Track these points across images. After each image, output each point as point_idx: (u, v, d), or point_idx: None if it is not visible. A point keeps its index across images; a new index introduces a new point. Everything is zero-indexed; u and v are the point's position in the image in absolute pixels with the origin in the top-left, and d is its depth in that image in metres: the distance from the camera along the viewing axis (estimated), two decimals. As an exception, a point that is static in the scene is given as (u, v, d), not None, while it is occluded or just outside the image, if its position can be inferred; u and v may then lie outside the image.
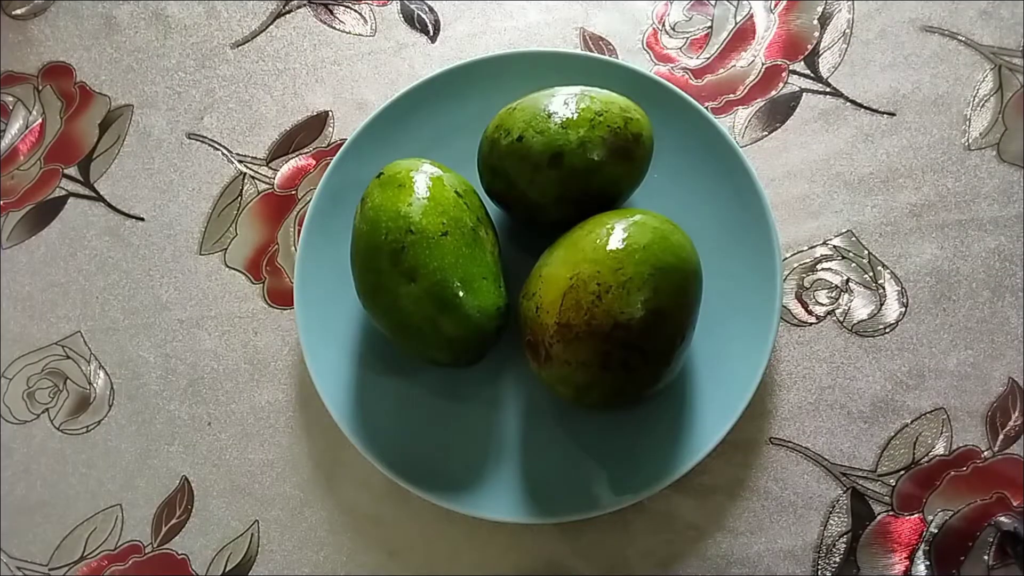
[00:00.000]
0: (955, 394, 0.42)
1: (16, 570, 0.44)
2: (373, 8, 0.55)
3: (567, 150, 0.39)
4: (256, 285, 0.48)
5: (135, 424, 0.46)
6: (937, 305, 0.43)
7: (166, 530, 0.44)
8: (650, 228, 0.37)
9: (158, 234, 0.50)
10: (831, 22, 0.50)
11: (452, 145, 0.46)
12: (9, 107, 0.55)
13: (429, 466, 0.41)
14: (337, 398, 0.42)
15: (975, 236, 0.44)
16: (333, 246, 0.44)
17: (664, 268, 0.35)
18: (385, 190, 0.39)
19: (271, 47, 0.54)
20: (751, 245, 0.42)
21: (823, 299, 0.44)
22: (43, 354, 0.49)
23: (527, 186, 0.40)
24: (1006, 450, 0.40)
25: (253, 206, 0.50)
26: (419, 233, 0.37)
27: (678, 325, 0.36)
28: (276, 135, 0.52)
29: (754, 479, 0.41)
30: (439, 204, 0.39)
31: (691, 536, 0.41)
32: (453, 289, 0.37)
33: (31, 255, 0.51)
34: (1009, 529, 0.38)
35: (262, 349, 0.47)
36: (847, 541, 0.40)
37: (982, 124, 0.47)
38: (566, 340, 0.35)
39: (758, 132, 0.48)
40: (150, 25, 0.56)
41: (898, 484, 0.40)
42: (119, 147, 0.53)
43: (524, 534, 0.41)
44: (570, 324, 0.35)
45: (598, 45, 0.52)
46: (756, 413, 0.42)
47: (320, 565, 0.42)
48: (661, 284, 0.35)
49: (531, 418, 0.42)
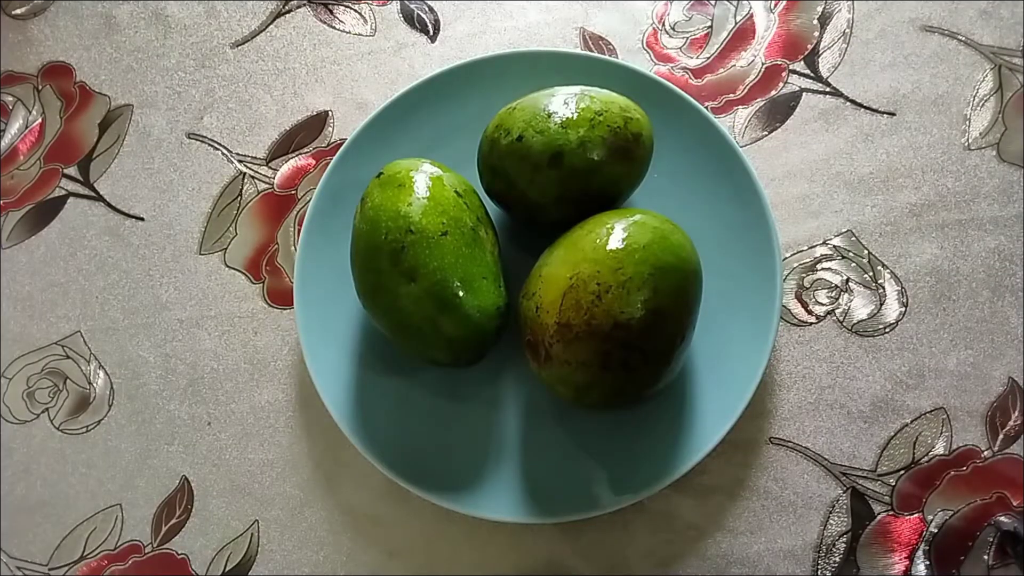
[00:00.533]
0: (955, 394, 0.42)
1: (16, 570, 0.44)
2: (373, 8, 0.55)
3: (567, 150, 0.39)
4: (256, 285, 0.48)
5: (135, 424, 0.46)
6: (937, 305, 0.43)
7: (166, 530, 0.44)
8: (650, 228, 0.37)
9: (158, 234, 0.50)
10: (831, 22, 0.50)
11: (452, 145, 0.46)
12: (9, 107, 0.55)
13: (429, 466, 0.41)
14: (337, 398, 0.42)
15: (975, 236, 0.44)
16: (333, 246, 0.44)
17: (664, 268, 0.35)
18: (385, 190, 0.39)
19: (271, 47, 0.54)
20: (751, 245, 0.42)
21: (823, 299, 0.44)
22: (43, 354, 0.49)
23: (527, 186, 0.40)
24: (1006, 450, 0.40)
25: (253, 206, 0.50)
26: (419, 233, 0.37)
27: (678, 325, 0.36)
28: (276, 135, 0.52)
29: (754, 479, 0.41)
30: (439, 204, 0.39)
31: (691, 536, 0.41)
32: (453, 289, 0.37)
33: (31, 255, 0.51)
34: (1009, 529, 0.38)
35: (262, 349, 0.47)
36: (847, 541, 0.40)
37: (982, 124, 0.47)
38: (566, 340, 0.35)
39: (758, 132, 0.48)
40: (150, 25, 0.56)
41: (898, 484, 0.40)
42: (119, 147, 0.53)
43: (524, 534, 0.41)
44: (570, 324, 0.35)
45: (598, 45, 0.52)
46: (756, 413, 0.42)
47: (320, 565, 0.42)
48: (661, 284, 0.35)
49: (531, 418, 0.42)
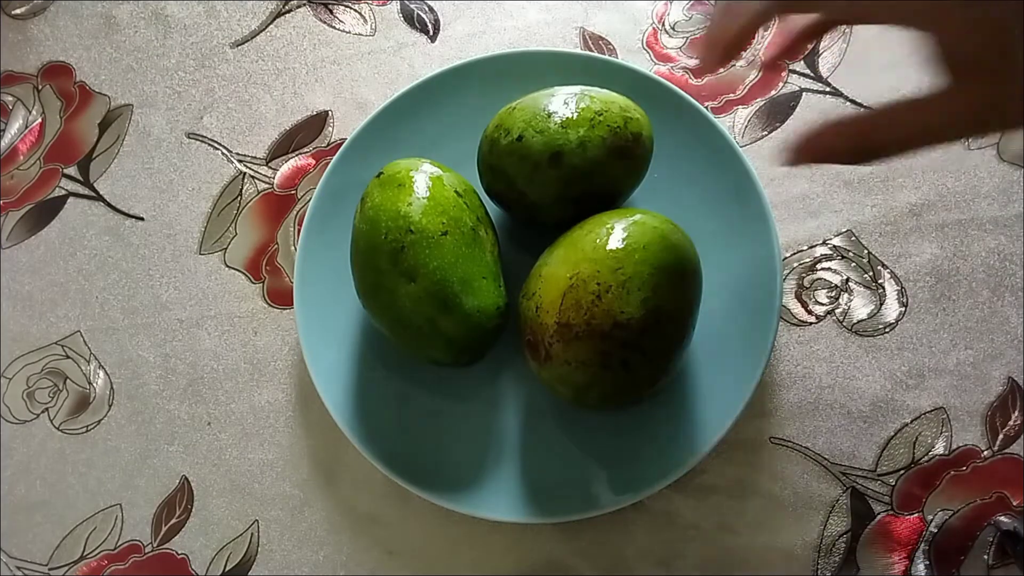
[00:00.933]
0: (955, 394, 0.42)
1: (16, 570, 0.44)
2: (373, 8, 0.55)
3: (567, 150, 0.39)
4: (256, 285, 0.48)
5: (135, 424, 0.46)
6: (937, 305, 0.43)
7: (166, 530, 0.44)
8: (650, 228, 0.37)
9: (158, 234, 0.50)
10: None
11: (452, 145, 0.46)
12: (9, 107, 0.55)
13: (429, 466, 0.41)
14: (337, 398, 0.42)
15: (975, 236, 0.44)
16: (333, 246, 0.44)
17: (664, 267, 0.35)
18: (385, 190, 0.39)
19: (271, 47, 0.54)
20: (751, 244, 0.42)
21: (823, 299, 0.44)
22: (43, 354, 0.49)
23: (527, 186, 0.40)
24: (1006, 450, 0.40)
25: (253, 206, 0.50)
26: (419, 233, 0.37)
27: (678, 325, 0.36)
28: (276, 135, 0.52)
29: (754, 479, 0.41)
30: (439, 204, 0.39)
31: (691, 536, 0.41)
32: (453, 289, 0.37)
33: (31, 255, 0.51)
34: (1009, 529, 0.38)
35: (262, 349, 0.47)
36: (847, 541, 0.40)
37: (982, 124, 0.47)
38: (566, 340, 0.35)
39: (758, 132, 0.48)
40: (150, 25, 0.56)
41: (898, 484, 0.40)
42: (119, 147, 0.53)
43: (524, 534, 0.41)
44: (570, 324, 0.35)
45: (598, 45, 0.52)
46: (756, 413, 0.42)
47: (320, 565, 0.42)
48: (661, 283, 0.35)
49: (531, 418, 0.42)
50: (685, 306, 0.36)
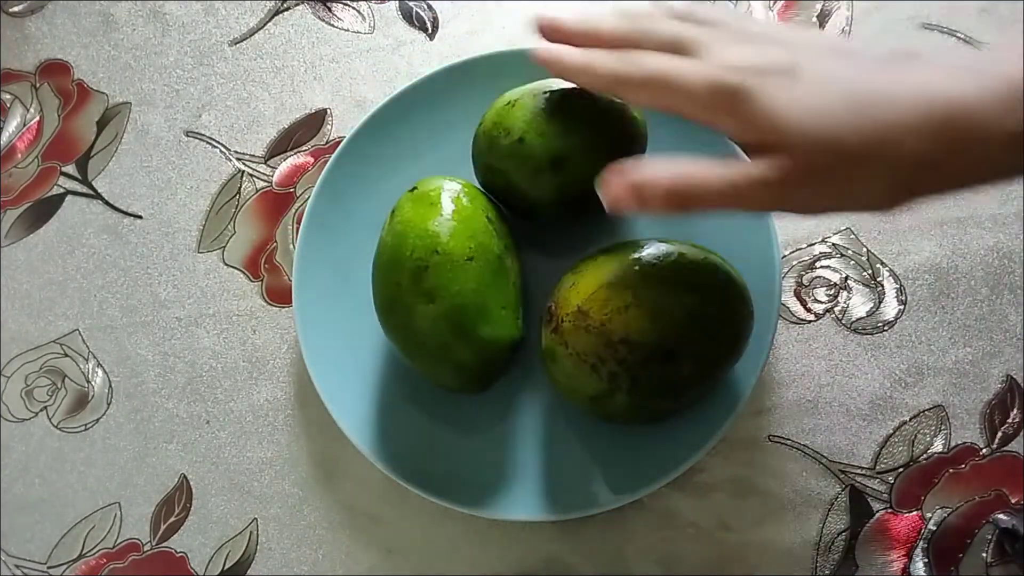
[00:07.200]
0: (953, 391, 0.42)
1: (15, 568, 0.44)
2: (371, 5, 0.55)
3: (568, 153, 0.39)
4: (254, 283, 0.48)
5: (133, 422, 0.46)
6: (936, 303, 0.43)
7: (164, 528, 0.44)
8: (712, 277, 0.37)
9: (156, 232, 0.50)
10: (830, 20, 0.50)
11: (450, 143, 0.46)
12: (7, 105, 0.55)
13: (428, 464, 0.41)
14: (336, 396, 0.42)
15: (974, 234, 0.44)
16: (332, 244, 0.44)
17: (700, 321, 0.35)
18: (416, 206, 0.39)
19: (269, 44, 0.54)
20: (750, 242, 0.42)
21: (822, 297, 0.44)
22: (41, 352, 0.49)
23: (527, 187, 0.40)
24: (1004, 447, 0.40)
25: (251, 204, 0.50)
26: (445, 255, 0.37)
27: (683, 377, 0.36)
28: (274, 133, 0.52)
29: (753, 477, 0.41)
30: (469, 227, 0.38)
31: (690, 534, 0.41)
32: (471, 315, 0.37)
33: (29, 253, 0.51)
34: (1007, 526, 0.38)
35: (261, 347, 0.47)
36: (846, 539, 0.40)
37: (981, 122, 0.47)
38: (577, 325, 0.35)
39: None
40: (148, 23, 0.56)
41: (897, 482, 0.41)
42: (117, 145, 0.53)
43: (523, 532, 0.41)
44: (588, 313, 0.35)
45: (597, 43, 0.51)
46: (755, 411, 0.42)
47: (319, 563, 0.42)
48: (686, 335, 0.35)
49: (530, 417, 0.42)
50: (701, 368, 0.36)
